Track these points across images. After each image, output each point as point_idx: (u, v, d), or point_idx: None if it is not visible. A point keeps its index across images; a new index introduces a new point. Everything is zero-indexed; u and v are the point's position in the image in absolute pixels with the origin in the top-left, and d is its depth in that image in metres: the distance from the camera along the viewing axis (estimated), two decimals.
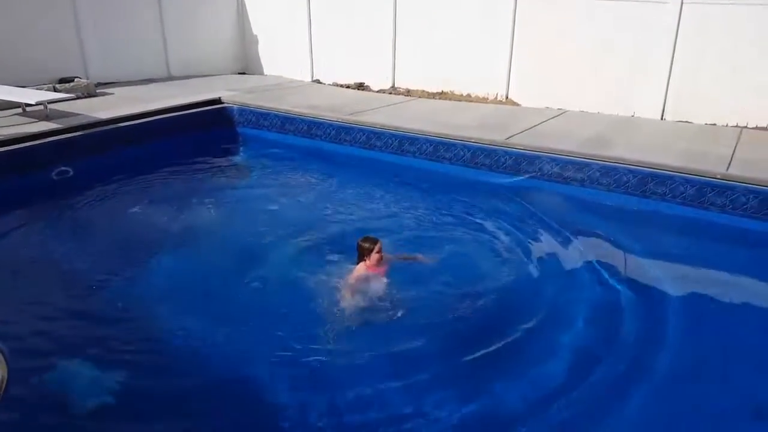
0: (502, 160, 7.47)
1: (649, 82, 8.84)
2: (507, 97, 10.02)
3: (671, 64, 8.65)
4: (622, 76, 9.01)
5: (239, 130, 9.66)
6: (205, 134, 9.18)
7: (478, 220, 6.46)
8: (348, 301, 4.70)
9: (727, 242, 6.22)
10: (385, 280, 4.86)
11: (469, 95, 10.34)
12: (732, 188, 6.32)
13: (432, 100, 10.24)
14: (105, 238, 6.33)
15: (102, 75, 10.73)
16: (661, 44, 8.68)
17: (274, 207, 6.94)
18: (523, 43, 9.79)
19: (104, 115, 8.48)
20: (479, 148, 7.60)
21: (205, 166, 8.39)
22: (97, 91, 10.09)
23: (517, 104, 9.89)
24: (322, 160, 8.59)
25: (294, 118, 9.17)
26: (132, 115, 8.61)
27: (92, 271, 5.40)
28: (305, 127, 9.06)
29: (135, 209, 6.78)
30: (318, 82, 11.88)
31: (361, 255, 4.91)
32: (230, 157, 9.04)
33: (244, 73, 12.65)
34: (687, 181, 6.55)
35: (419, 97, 10.44)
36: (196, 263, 5.64)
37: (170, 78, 11.59)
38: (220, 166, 8.51)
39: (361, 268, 4.90)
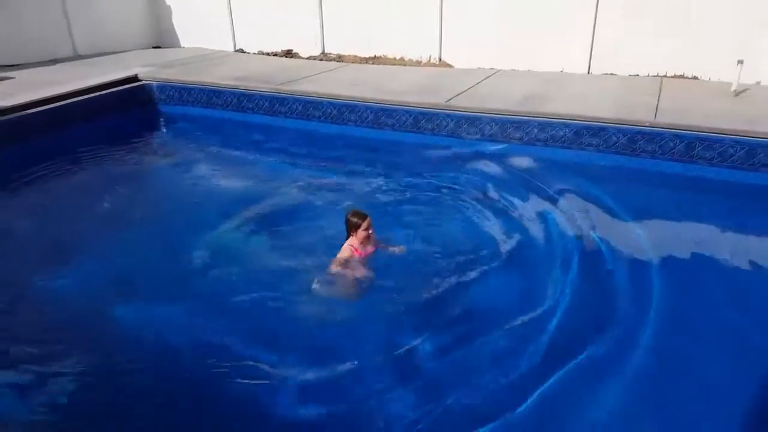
0: (444, 123, 7.56)
1: (575, 38, 9.14)
2: (440, 60, 10.06)
3: (595, 18, 8.96)
4: (549, 32, 9.25)
5: (161, 107, 9.18)
6: (124, 115, 8.64)
7: (431, 187, 6.50)
8: (330, 287, 4.46)
9: (658, 186, 6.60)
10: (366, 272, 4.54)
11: (402, 59, 10.29)
12: (660, 135, 6.73)
13: (366, 65, 10.12)
14: (24, 235, 5.77)
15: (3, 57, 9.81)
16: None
17: (210, 186, 6.72)
18: (452, 4, 9.80)
19: (6, 102, 7.64)
20: (421, 113, 7.64)
21: (127, 149, 7.90)
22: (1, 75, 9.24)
23: (451, 66, 9.96)
24: (255, 134, 8.32)
25: (221, 91, 8.81)
26: (39, 101, 7.84)
27: (12, 272, 5.04)
28: (234, 100, 8.74)
29: (53, 202, 6.36)
30: (242, 51, 11.41)
31: (348, 231, 4.58)
32: (153, 138, 8.59)
33: (159, 47, 11.94)
34: (619, 131, 6.90)
35: (352, 62, 10.28)
36: (130, 251, 5.32)
37: (77, 57, 10.75)
38: (143, 148, 8.05)
39: (346, 250, 4.55)
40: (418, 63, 10.13)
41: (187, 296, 4.63)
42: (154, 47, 11.95)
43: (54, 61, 10.31)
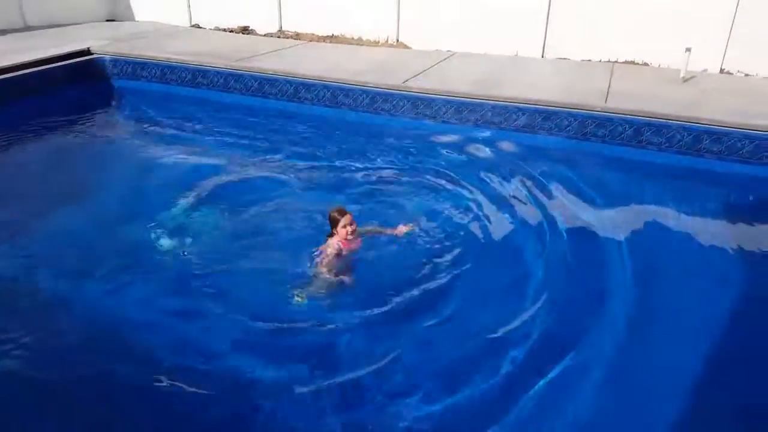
0: (401, 104, 7.57)
1: (529, 22, 9.20)
2: (398, 41, 10.02)
3: (549, 3, 9.05)
4: (505, 16, 9.28)
5: (114, 83, 8.92)
6: (75, 90, 8.36)
7: (386, 169, 6.49)
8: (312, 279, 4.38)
9: (607, 170, 6.67)
10: (349, 269, 4.44)
11: (360, 39, 10.22)
12: (610, 120, 6.88)
13: (323, 44, 10.01)
14: None
15: None
16: None
17: (161, 163, 6.52)
18: None
19: None
20: (378, 93, 7.62)
21: (78, 124, 7.66)
22: None
23: (408, 47, 9.93)
24: (210, 111, 8.17)
25: (176, 67, 8.61)
26: None
27: None
28: (189, 76, 8.57)
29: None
30: (197, 26, 11.13)
31: (331, 227, 4.50)
32: (106, 113, 8.33)
33: (112, 20, 11.57)
34: (571, 115, 7.01)
35: (309, 41, 10.16)
36: (77, 229, 5.20)
37: (27, 28, 10.35)
38: (94, 124, 7.79)
39: (333, 246, 4.43)
40: (376, 43, 10.08)
41: (140, 276, 4.54)
42: (108, 20, 11.57)
43: (2, 32, 9.90)
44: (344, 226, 4.36)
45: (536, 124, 7.15)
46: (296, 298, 4.19)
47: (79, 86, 8.48)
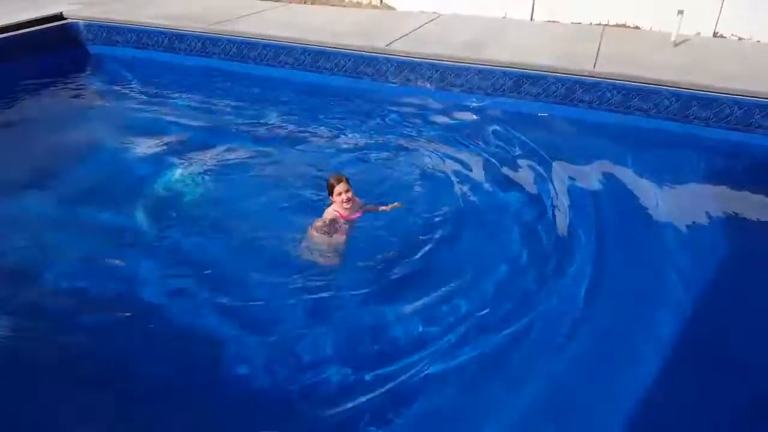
0: (384, 68, 7.35)
1: None
2: (381, 2, 9.70)
3: None
4: None
5: (89, 48, 8.67)
6: (49, 56, 8.11)
7: (370, 134, 6.36)
8: (307, 249, 4.29)
9: (594, 136, 6.58)
10: (342, 238, 4.33)
11: (342, 0, 9.89)
12: (598, 84, 6.71)
13: (304, 6, 9.69)
14: None
15: None
16: None
17: (140, 130, 6.35)
18: None
19: None
20: (360, 57, 7.40)
21: (53, 90, 7.48)
22: None
23: (393, 8, 9.62)
24: (189, 76, 7.95)
25: (152, 31, 8.35)
26: None
27: None
28: (166, 41, 8.31)
29: None
30: None
31: (329, 195, 4.39)
32: (82, 80, 8.06)
33: None
34: (558, 80, 6.84)
35: (290, 2, 9.82)
36: (68, 200, 5.09)
37: None
38: (69, 90, 7.58)
39: (329, 213, 4.36)
40: (359, 4, 9.75)
41: (124, 250, 4.46)
42: None
43: None
44: (339, 194, 4.25)
45: (523, 88, 6.97)
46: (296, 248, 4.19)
47: (53, 52, 8.23)
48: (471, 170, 5.65)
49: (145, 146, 6.01)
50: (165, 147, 5.96)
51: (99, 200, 5.10)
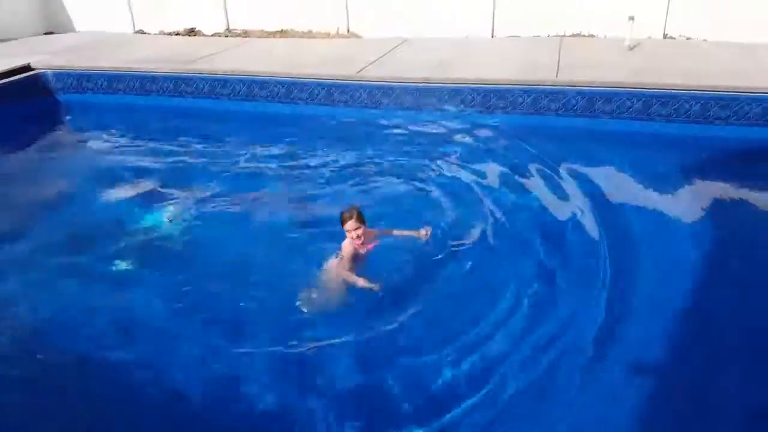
0: (357, 94, 7.56)
1: (478, 2, 9.29)
2: (349, 31, 9.99)
3: None
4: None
5: (59, 97, 8.64)
6: (19, 107, 7.98)
7: (348, 160, 6.50)
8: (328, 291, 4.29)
9: (562, 142, 6.73)
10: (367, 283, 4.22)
11: (310, 31, 10.15)
12: (563, 92, 7.01)
13: (272, 40, 9.91)
14: None
15: None
16: None
17: (121, 175, 6.37)
18: None
19: None
20: (333, 85, 7.60)
21: (25, 143, 7.44)
22: None
23: (360, 37, 9.92)
24: (164, 117, 8.01)
25: (123, 75, 8.41)
26: None
27: None
28: (137, 84, 8.37)
29: None
30: (142, 32, 10.87)
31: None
32: (54, 129, 8.12)
33: (51, 33, 11.18)
34: (524, 91, 7.12)
35: (258, 37, 10.04)
36: (45, 250, 5.04)
37: None
38: (42, 141, 7.57)
39: (345, 246, 4.32)
40: (327, 35, 10.03)
41: (99, 285, 4.51)
42: (46, 33, 11.18)
43: None
44: (349, 231, 4.21)
45: (492, 103, 7.23)
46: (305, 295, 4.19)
47: (23, 103, 8.15)
48: (450, 188, 5.77)
49: (125, 191, 6.02)
50: (146, 191, 5.97)
51: (78, 248, 5.05)
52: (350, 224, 4.17)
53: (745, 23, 8.28)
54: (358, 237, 4.20)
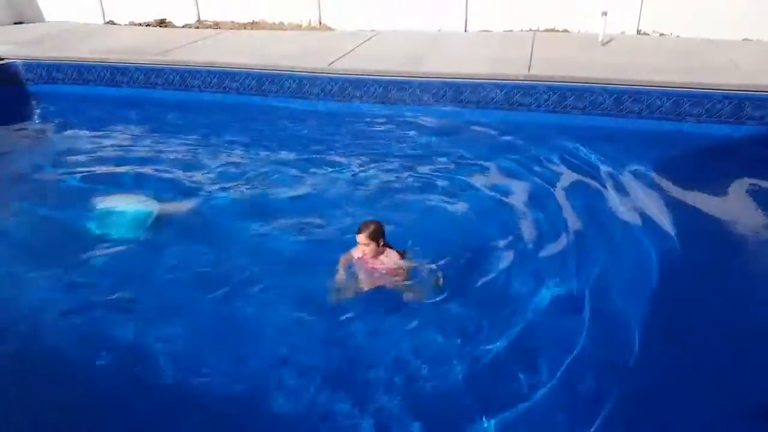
0: (329, 87, 7.49)
1: None
2: (320, 23, 9.90)
3: None
4: None
5: (29, 88, 8.48)
6: None
7: (315, 153, 6.46)
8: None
9: (539, 138, 6.64)
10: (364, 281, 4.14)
11: (282, 23, 10.04)
12: (535, 87, 6.99)
13: (244, 31, 9.81)
14: None
15: None
16: None
17: (90, 168, 6.23)
18: None
19: None
20: (304, 77, 7.53)
21: None
22: None
23: (332, 29, 9.83)
24: (134, 109, 7.90)
25: (93, 66, 8.27)
26: None
27: None
28: (108, 75, 8.24)
29: None
30: (112, 23, 10.70)
31: None
32: (24, 121, 7.92)
33: (20, 23, 10.94)
34: (496, 86, 7.09)
35: (229, 29, 9.92)
36: (21, 249, 4.93)
37: None
38: (12, 132, 7.41)
39: (352, 252, 4.22)
40: (298, 27, 9.93)
41: (72, 286, 4.38)
42: (15, 23, 10.96)
43: None
44: (359, 242, 4.05)
45: (463, 97, 7.20)
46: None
47: None
48: (423, 184, 5.76)
49: (96, 183, 5.90)
50: (119, 182, 5.88)
51: (48, 243, 4.96)
52: (358, 238, 4.01)
53: (718, 19, 8.32)
54: (363, 253, 4.06)
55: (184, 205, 5.44)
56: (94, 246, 4.82)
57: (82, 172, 6.19)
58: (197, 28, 10.15)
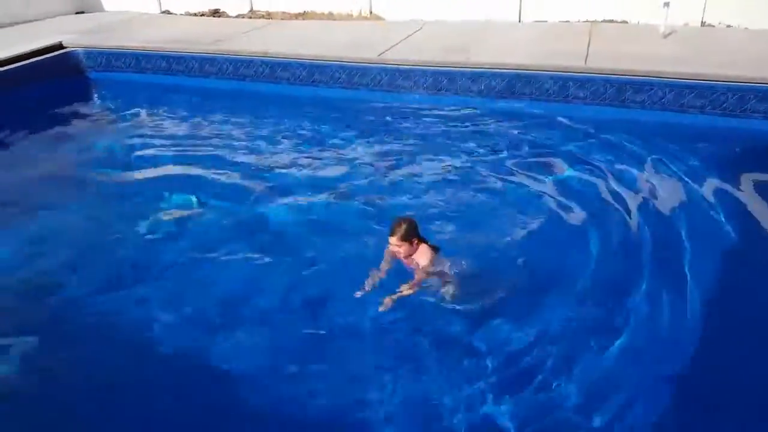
0: (378, 77, 7.45)
1: None
2: (371, 12, 9.85)
3: None
4: None
5: (90, 75, 8.75)
6: (50, 85, 8.16)
7: (368, 143, 6.48)
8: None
9: (595, 132, 6.49)
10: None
11: (331, 13, 10.03)
12: (592, 80, 6.77)
13: (295, 21, 9.84)
14: None
15: None
16: None
17: (150, 154, 6.45)
18: None
19: None
20: (354, 68, 7.50)
21: (57, 120, 7.54)
22: None
23: (382, 18, 9.77)
24: (190, 97, 8.08)
25: (151, 55, 8.47)
26: None
27: None
28: (164, 63, 8.42)
29: None
30: (168, 12, 10.92)
31: None
32: (84, 108, 8.17)
33: (82, 12, 11.29)
34: (551, 77, 6.90)
35: (281, 19, 9.98)
36: (79, 227, 5.15)
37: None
38: (75, 119, 7.67)
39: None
40: (349, 17, 9.91)
41: (133, 281, 4.49)
42: (77, 13, 11.31)
43: None
44: (390, 245, 3.96)
45: (517, 89, 7.04)
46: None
47: (54, 81, 8.29)
48: (477, 176, 5.69)
49: (153, 170, 6.09)
50: (175, 170, 6.05)
51: (107, 226, 5.14)
52: (390, 240, 3.90)
53: None
54: (398, 253, 3.96)
55: (233, 192, 5.50)
56: (147, 228, 4.98)
57: (137, 156, 6.43)
58: (250, 18, 10.24)
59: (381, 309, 3.78)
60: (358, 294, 3.97)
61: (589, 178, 5.61)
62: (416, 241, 3.92)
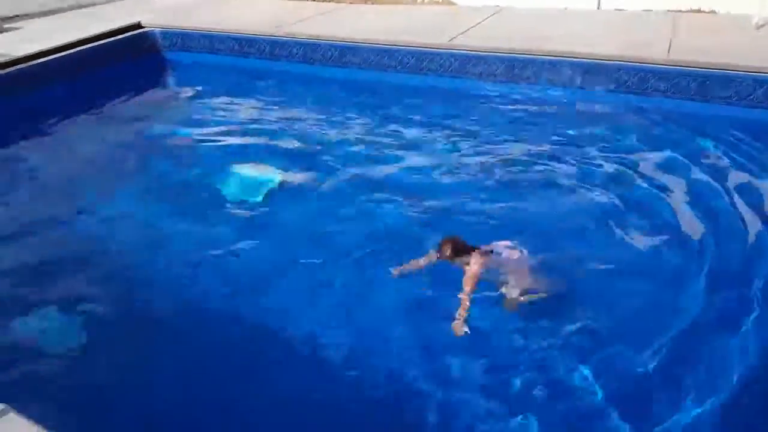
0: (448, 63, 7.31)
1: None
2: None
3: None
4: None
5: (166, 55, 8.98)
6: (129, 64, 8.47)
7: (437, 130, 6.37)
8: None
9: (677, 125, 6.22)
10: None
11: None
12: (674, 72, 6.44)
13: (365, 5, 9.77)
14: (40, 182, 5.85)
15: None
16: None
17: (219, 133, 6.56)
18: None
19: (23, 50, 7.61)
20: (424, 53, 7.39)
21: (136, 98, 7.87)
22: (4, 26, 9.09)
23: (454, 3, 9.59)
24: (260, 80, 8.20)
25: (223, 36, 8.61)
26: (51, 49, 7.75)
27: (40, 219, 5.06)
28: (236, 45, 8.55)
29: (64, 151, 6.43)
30: None
31: None
32: (162, 86, 8.55)
33: None
34: (631, 69, 6.61)
35: (351, 2, 9.93)
36: (159, 207, 5.27)
37: (77, 6, 10.50)
38: (150, 98, 7.96)
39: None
40: (421, 1, 9.76)
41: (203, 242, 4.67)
42: None
43: (53, 11, 10.10)
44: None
45: (593, 79, 6.77)
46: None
47: (132, 60, 8.59)
48: (555, 169, 5.53)
49: (223, 147, 6.23)
50: (244, 149, 6.16)
51: (185, 203, 5.26)
52: (442, 252, 3.90)
53: None
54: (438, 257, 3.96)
55: (304, 175, 5.54)
56: (221, 207, 5.11)
57: (211, 136, 6.54)
58: (321, 1, 10.21)
59: (458, 335, 3.59)
60: (395, 273, 4.05)
61: (666, 174, 5.35)
62: (463, 255, 3.88)
